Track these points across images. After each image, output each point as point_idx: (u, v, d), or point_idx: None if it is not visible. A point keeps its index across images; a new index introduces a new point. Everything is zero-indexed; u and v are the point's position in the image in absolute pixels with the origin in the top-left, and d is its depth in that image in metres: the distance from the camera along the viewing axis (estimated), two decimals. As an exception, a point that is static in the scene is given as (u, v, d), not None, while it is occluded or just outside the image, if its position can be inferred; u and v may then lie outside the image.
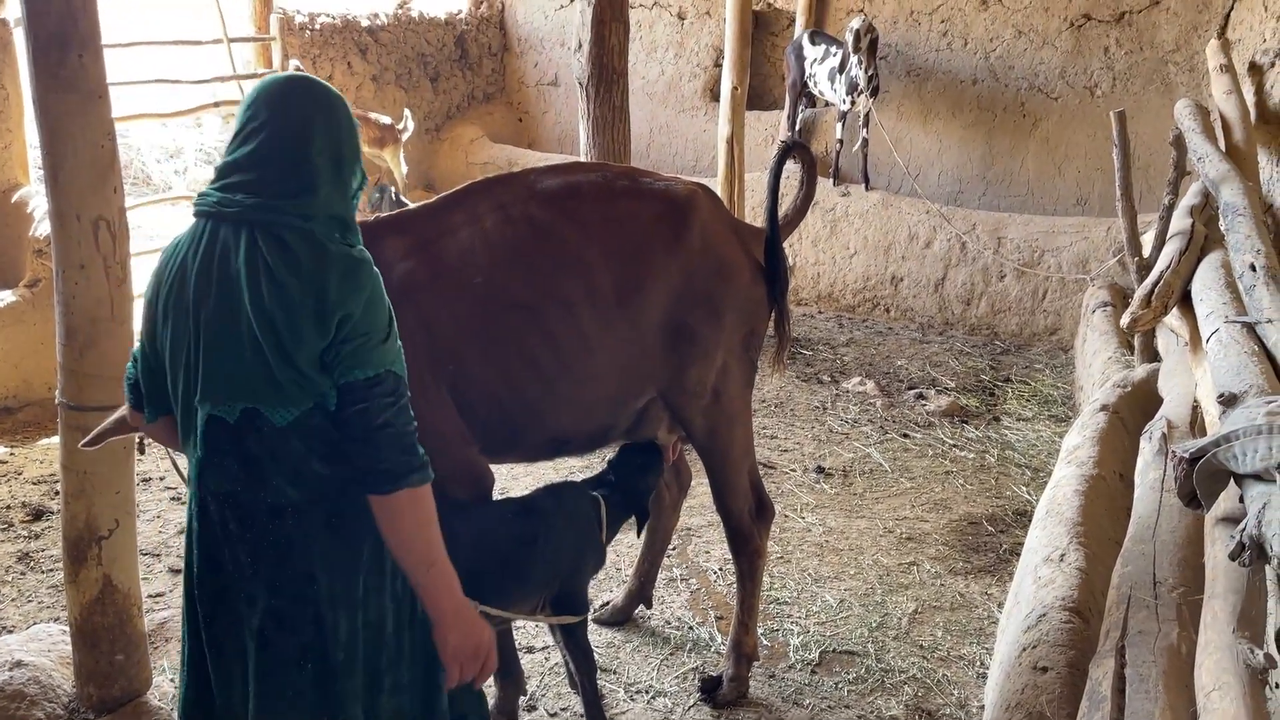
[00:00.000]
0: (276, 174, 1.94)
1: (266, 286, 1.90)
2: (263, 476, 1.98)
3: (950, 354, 7.13)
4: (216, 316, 1.93)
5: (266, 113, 1.95)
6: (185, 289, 1.97)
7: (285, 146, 1.95)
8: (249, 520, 2.01)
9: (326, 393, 1.95)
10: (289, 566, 2.02)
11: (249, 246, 1.91)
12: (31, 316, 5.58)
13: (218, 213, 1.95)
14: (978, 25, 8.03)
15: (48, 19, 2.80)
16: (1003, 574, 4.35)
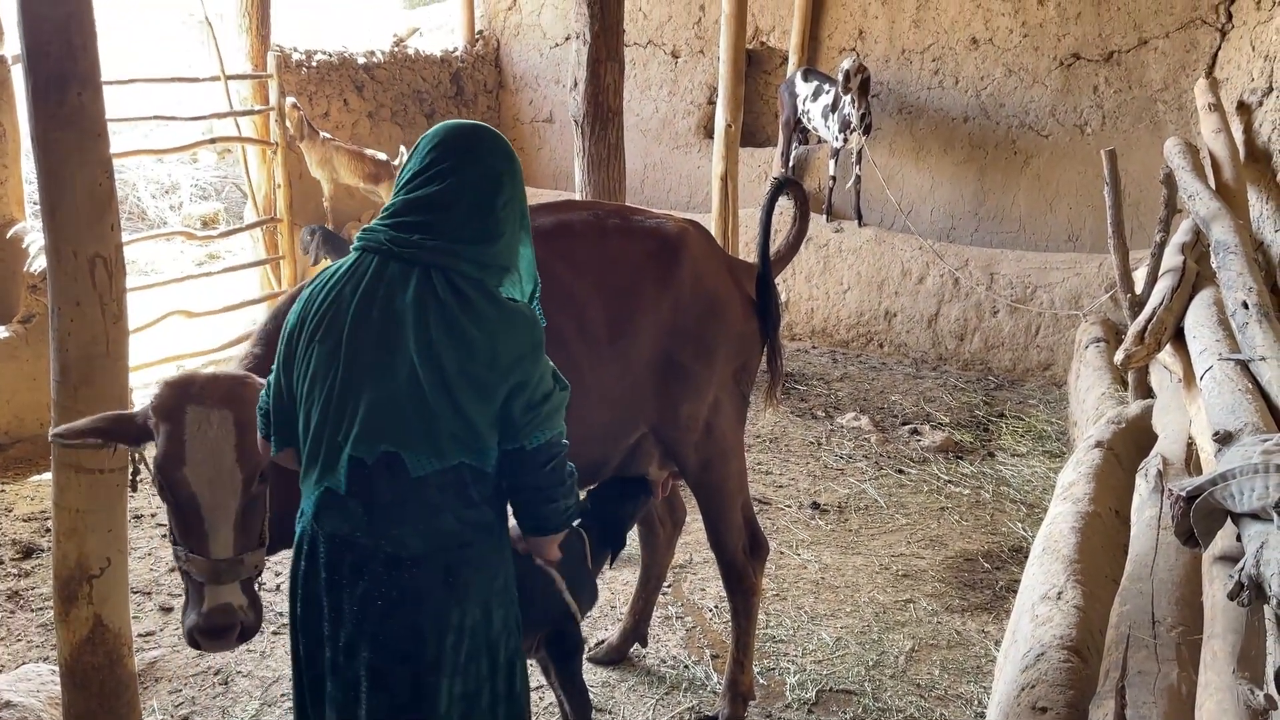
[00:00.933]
0: (462, 219, 1.92)
1: (436, 328, 1.87)
2: (386, 524, 1.94)
3: (944, 389, 7.14)
4: (372, 353, 1.90)
5: (455, 158, 1.94)
6: (338, 321, 1.94)
7: (474, 193, 1.94)
8: (362, 568, 1.97)
9: (485, 450, 1.93)
10: (396, 621, 1.97)
11: (419, 286, 1.89)
12: (25, 352, 5.56)
13: (388, 250, 1.92)
14: (968, 64, 8.13)
15: (48, 58, 2.82)
16: (999, 611, 4.33)
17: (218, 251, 9.71)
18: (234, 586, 2.38)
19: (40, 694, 3.31)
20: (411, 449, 1.89)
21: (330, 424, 1.95)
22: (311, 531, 2.03)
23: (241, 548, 2.38)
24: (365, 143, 8.64)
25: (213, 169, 11.48)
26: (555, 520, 2.08)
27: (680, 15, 9.42)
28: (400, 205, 1.95)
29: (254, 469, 2.37)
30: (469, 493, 1.96)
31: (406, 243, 1.91)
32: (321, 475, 2.00)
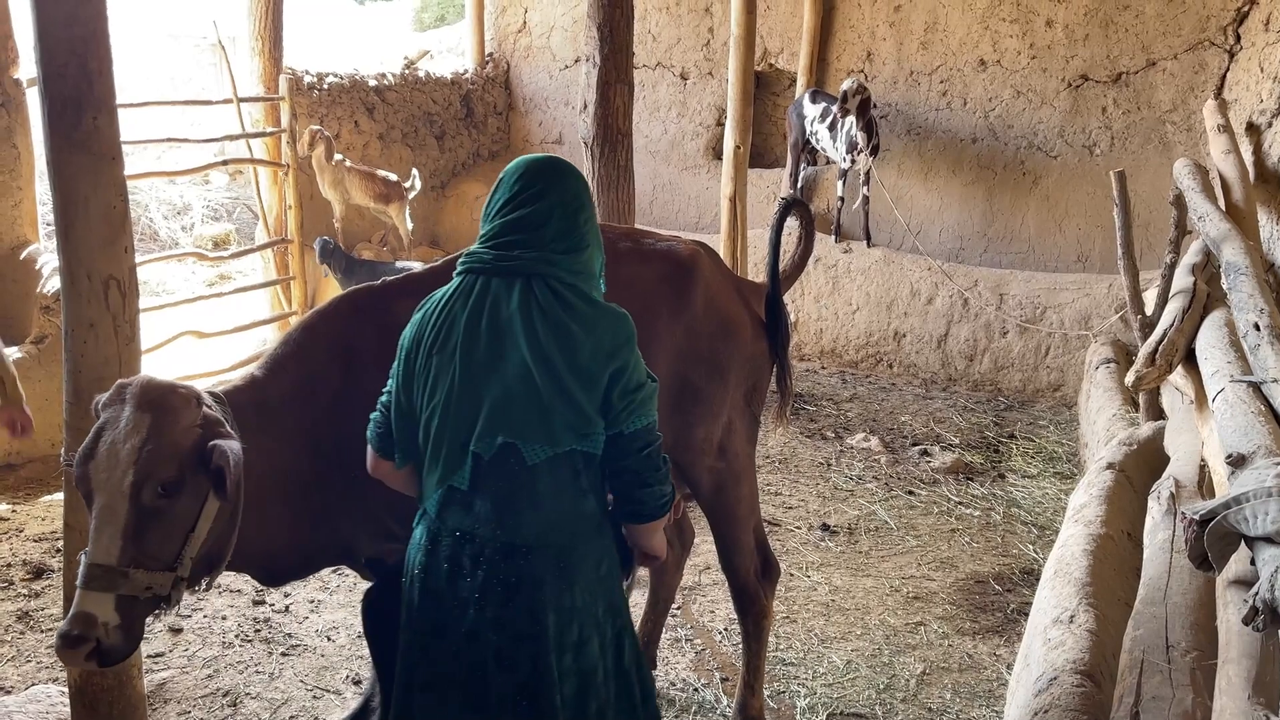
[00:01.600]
0: (553, 235, 2.17)
1: (542, 328, 2.10)
2: (504, 514, 2.14)
3: (954, 410, 7.13)
4: (486, 359, 2.12)
5: (543, 184, 2.21)
6: (451, 336, 2.15)
7: (562, 211, 2.20)
8: (480, 558, 2.16)
9: (594, 435, 2.13)
10: (515, 605, 2.15)
11: (522, 294, 2.13)
12: (37, 373, 5.59)
13: (493, 268, 2.17)
14: (976, 85, 8.15)
15: (63, 82, 2.85)
16: (1011, 634, 4.30)
17: (229, 272, 9.76)
18: (105, 599, 2.22)
19: (50, 715, 3.31)
20: (527, 439, 2.10)
21: (450, 427, 2.14)
22: (434, 528, 2.21)
23: (129, 560, 2.24)
24: (376, 164, 8.69)
25: (224, 190, 11.56)
26: (652, 505, 2.22)
27: (689, 38, 9.48)
28: (498, 228, 2.20)
29: (152, 477, 2.26)
30: (579, 481, 2.17)
31: (508, 258, 2.16)
32: (444, 475, 2.18)
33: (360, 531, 2.89)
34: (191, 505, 2.36)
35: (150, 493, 2.27)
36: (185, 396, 2.39)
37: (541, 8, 10.13)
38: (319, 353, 2.85)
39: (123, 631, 2.24)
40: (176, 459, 2.31)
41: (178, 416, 2.34)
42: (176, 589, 2.36)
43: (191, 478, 2.34)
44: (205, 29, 13.42)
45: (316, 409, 2.79)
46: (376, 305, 2.92)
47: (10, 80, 6.26)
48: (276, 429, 2.72)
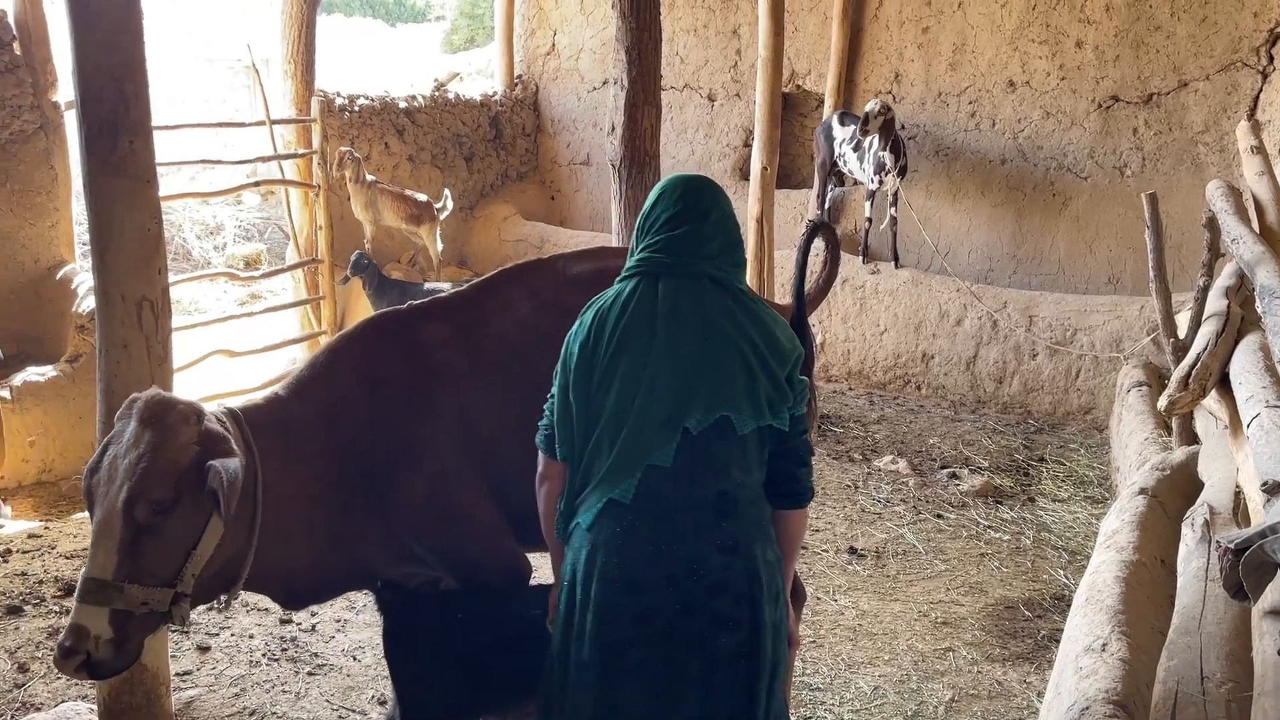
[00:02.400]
0: (721, 247, 2.35)
1: (743, 316, 2.28)
2: (710, 480, 2.24)
3: (983, 432, 7.06)
4: (694, 343, 2.25)
5: (707, 202, 2.36)
6: (641, 329, 2.26)
7: (723, 225, 2.36)
8: (690, 528, 2.22)
9: (784, 412, 2.29)
10: (734, 567, 2.23)
11: (712, 290, 2.30)
12: (71, 391, 5.67)
13: (665, 271, 2.31)
14: (1005, 106, 8.12)
15: (100, 106, 2.90)
16: (1041, 661, 4.24)
17: (260, 291, 9.86)
18: (99, 613, 2.24)
19: (78, 732, 3.33)
20: (740, 411, 2.23)
21: (654, 408, 2.22)
22: (629, 513, 2.23)
23: (124, 576, 2.25)
24: (405, 185, 8.78)
25: (256, 210, 11.70)
26: (808, 484, 2.36)
27: (717, 59, 9.52)
28: (666, 241, 2.33)
29: (145, 494, 2.27)
30: (763, 454, 2.30)
31: (682, 261, 2.31)
32: (639, 457, 2.23)
33: (382, 555, 2.89)
34: (191, 522, 2.35)
35: (144, 509, 2.28)
36: (184, 413, 2.39)
37: (570, 30, 10.21)
38: (345, 377, 2.86)
39: (114, 646, 2.26)
40: (171, 476, 2.31)
41: (175, 434, 2.34)
42: (178, 605, 2.35)
43: (190, 495, 2.33)
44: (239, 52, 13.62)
45: (342, 432, 2.79)
46: (403, 331, 2.93)
47: (49, 103, 6.38)
48: (299, 450, 2.73)
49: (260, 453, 2.60)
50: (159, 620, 2.36)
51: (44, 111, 6.36)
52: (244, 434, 2.59)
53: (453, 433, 2.78)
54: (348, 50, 15.50)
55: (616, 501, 2.25)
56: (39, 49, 6.32)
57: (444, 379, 2.81)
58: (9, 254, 6.32)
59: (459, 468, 2.78)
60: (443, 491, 2.77)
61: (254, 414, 2.70)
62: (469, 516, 2.82)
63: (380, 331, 2.95)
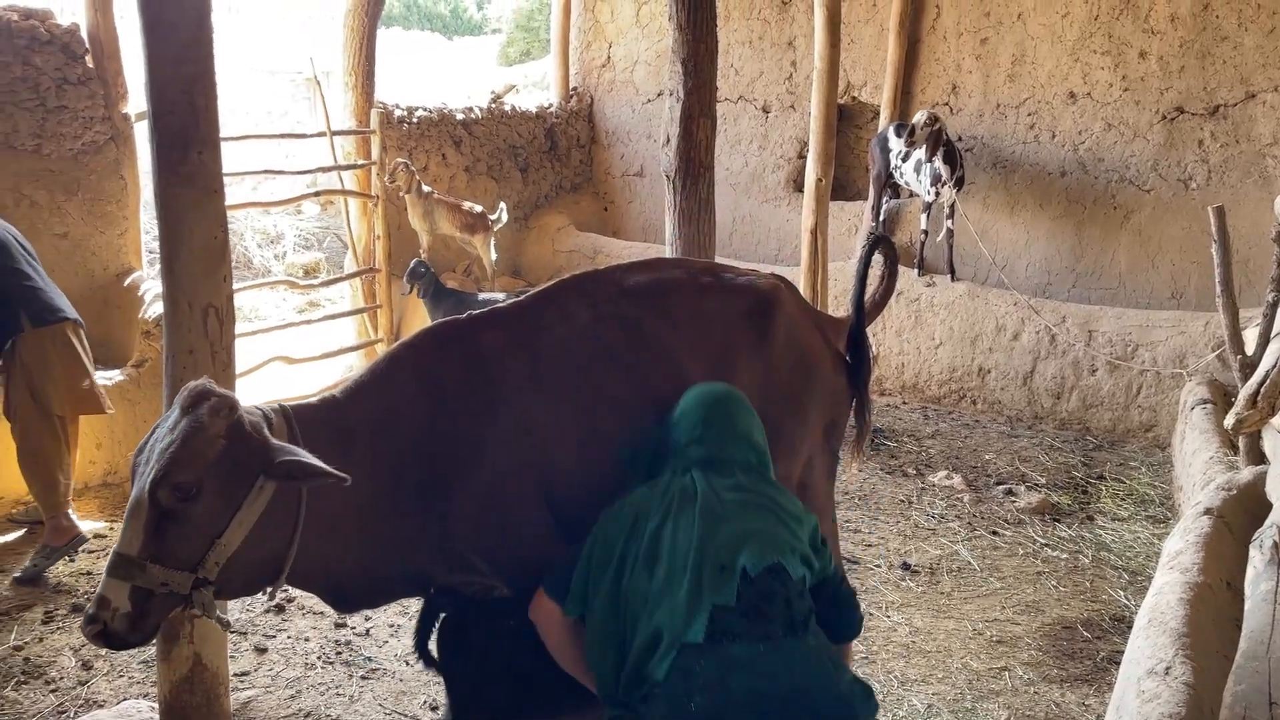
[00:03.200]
0: (748, 452, 2.60)
1: (768, 495, 2.53)
2: (776, 611, 2.36)
3: (1040, 449, 6.95)
4: (735, 514, 2.44)
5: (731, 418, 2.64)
6: (684, 509, 2.45)
7: (753, 438, 2.64)
8: (774, 654, 2.31)
9: (816, 568, 2.49)
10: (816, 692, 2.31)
11: (741, 479, 2.54)
12: (136, 395, 5.80)
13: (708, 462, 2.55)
14: (1066, 118, 8.01)
15: (172, 118, 2.98)
16: (1101, 683, 4.16)
17: (318, 299, 10.03)
18: (121, 586, 2.32)
19: (140, 729, 3.40)
20: (788, 559, 2.41)
21: (708, 557, 2.37)
22: (701, 655, 2.29)
23: (148, 555, 2.33)
24: (462, 196, 8.87)
25: (315, 220, 11.91)
26: (851, 628, 2.64)
27: (771, 71, 9.51)
28: (700, 454, 2.57)
29: (168, 479, 2.33)
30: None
31: (721, 463, 2.56)
32: (701, 601, 2.34)
33: (437, 561, 2.89)
34: (216, 512, 2.40)
35: (167, 494, 2.34)
36: (217, 406, 2.43)
37: (625, 42, 10.27)
38: (404, 384, 2.86)
39: (129, 620, 2.33)
40: (196, 465, 2.35)
41: (205, 424, 2.38)
42: (199, 591, 2.41)
43: (215, 485, 2.38)
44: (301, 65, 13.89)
45: (398, 440, 2.79)
46: (462, 339, 2.94)
47: (119, 115, 6.55)
48: (351, 453, 2.73)
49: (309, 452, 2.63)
50: (178, 602, 2.42)
51: (115, 123, 6.53)
52: (293, 432, 2.62)
53: (510, 442, 2.78)
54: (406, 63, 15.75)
55: (690, 644, 2.31)
56: (110, 62, 6.50)
57: (503, 388, 2.82)
58: (80, 261, 6.49)
59: (516, 477, 2.78)
60: (499, 500, 2.78)
61: (306, 414, 2.72)
62: (525, 526, 2.82)
63: (439, 340, 2.97)
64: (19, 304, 4.74)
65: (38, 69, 6.19)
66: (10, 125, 6.13)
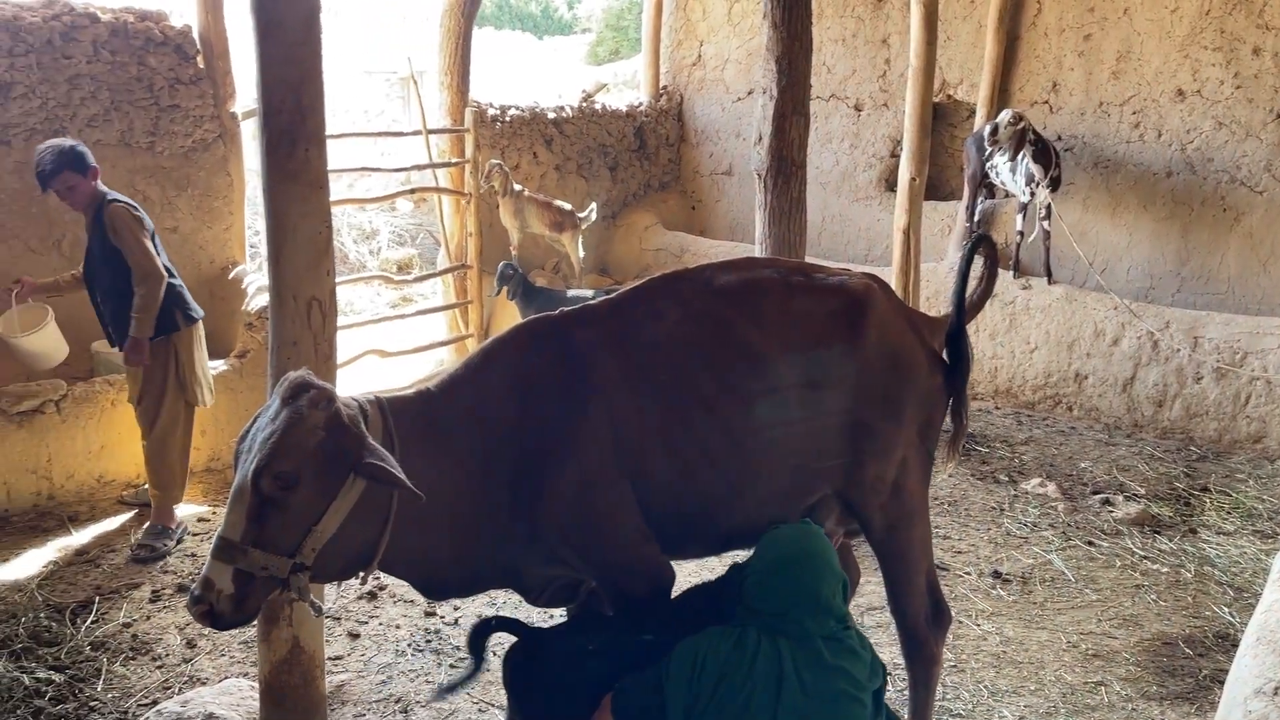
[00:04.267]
0: (828, 618, 2.54)
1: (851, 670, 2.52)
2: None
3: (1140, 458, 6.73)
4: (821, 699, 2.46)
5: (819, 584, 2.54)
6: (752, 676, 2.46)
7: (830, 595, 2.54)
8: None
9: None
10: None
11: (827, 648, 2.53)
12: (239, 384, 6.00)
13: (776, 631, 2.51)
14: (1173, 117, 7.73)
15: (280, 116, 3.07)
16: (1203, 702, 4.01)
17: (411, 295, 10.23)
18: (225, 569, 2.42)
19: (240, 708, 3.52)
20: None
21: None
22: None
23: (250, 539, 2.43)
24: (551, 194, 8.96)
25: (408, 217, 12.15)
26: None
27: (865, 69, 9.39)
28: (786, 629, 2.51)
29: (269, 468, 2.41)
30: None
31: (804, 630, 2.51)
32: None
33: (527, 554, 2.92)
34: (313, 500, 2.48)
35: (268, 482, 2.43)
36: (316, 398, 2.51)
37: (717, 41, 10.25)
38: (496, 379, 2.90)
39: (233, 601, 2.44)
40: (295, 455, 2.44)
41: (305, 416, 2.47)
42: (296, 576, 2.50)
43: (313, 475, 2.46)
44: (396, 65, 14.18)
45: (489, 434, 2.83)
46: (556, 335, 2.97)
47: (227, 114, 6.78)
48: (443, 444, 2.79)
49: (403, 443, 2.68)
50: (277, 586, 2.51)
51: (223, 121, 6.76)
52: (387, 424, 2.68)
53: (601, 437, 2.80)
54: (497, 62, 15.96)
55: None
56: (220, 62, 6.73)
57: (594, 385, 2.84)
58: (188, 255, 6.73)
59: (606, 472, 2.80)
60: (589, 495, 2.80)
61: (401, 405, 2.79)
62: (614, 521, 2.84)
63: (532, 336, 3.00)
64: (174, 304, 5.08)
65: (152, 69, 6.44)
66: (126, 123, 6.39)
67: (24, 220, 6.15)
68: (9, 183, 6.06)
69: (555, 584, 3.11)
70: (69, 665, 4.10)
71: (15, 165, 6.03)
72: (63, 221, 6.15)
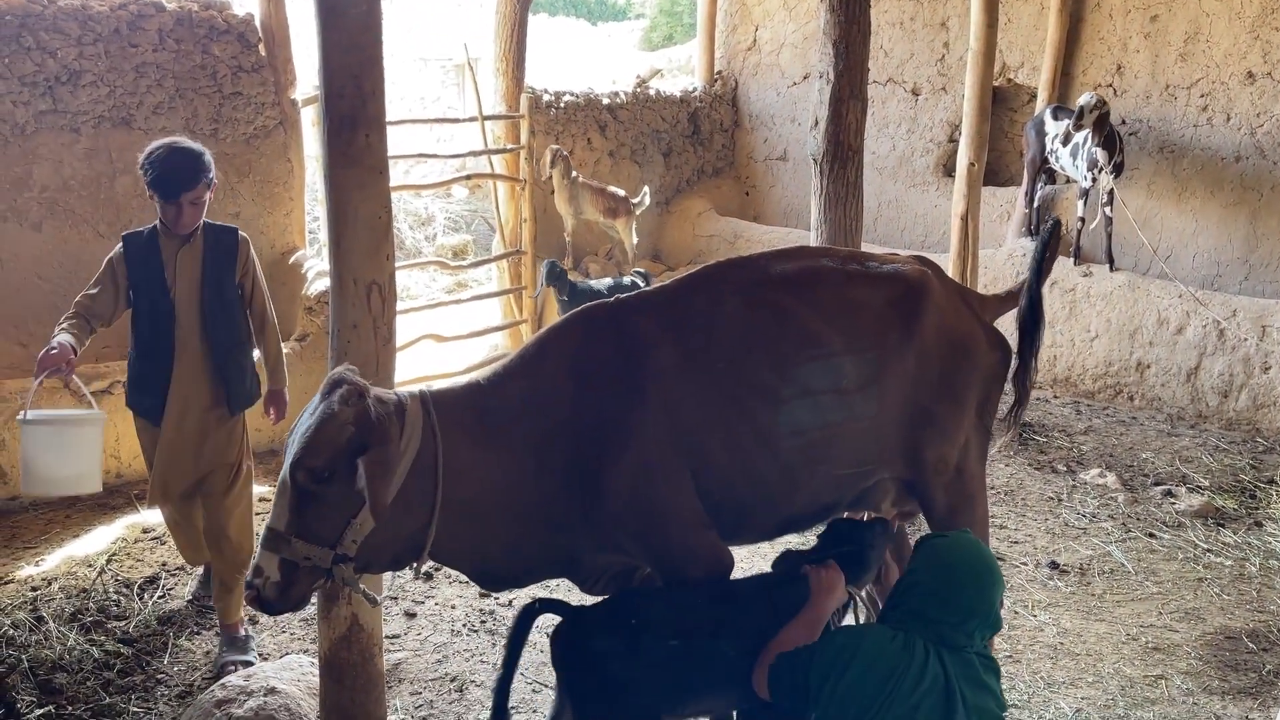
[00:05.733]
0: (987, 626, 2.47)
1: (989, 682, 2.48)
2: None
3: (1204, 449, 6.58)
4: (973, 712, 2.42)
5: (994, 594, 2.47)
6: (906, 683, 2.39)
7: (1000, 594, 2.49)
8: None
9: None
10: None
11: (955, 662, 2.44)
12: (299, 368, 6.10)
13: (936, 641, 2.44)
14: (1243, 100, 7.52)
15: (342, 102, 3.10)
16: (1266, 697, 3.93)
17: (466, 280, 10.32)
18: (272, 558, 2.50)
19: (300, 683, 3.59)
20: None
21: None
22: None
23: (295, 529, 2.49)
24: (605, 180, 8.98)
25: (463, 203, 12.24)
26: None
27: (923, 53, 9.26)
28: (948, 638, 2.44)
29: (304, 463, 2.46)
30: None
31: (964, 635, 2.45)
32: None
33: (583, 542, 2.93)
34: (349, 494, 2.51)
35: (304, 475, 2.49)
36: (348, 394, 2.55)
37: (772, 25, 10.17)
38: (551, 368, 2.91)
39: (278, 588, 2.52)
40: (326, 450, 2.48)
41: (336, 412, 2.51)
42: (339, 567, 2.55)
43: (347, 469, 2.49)
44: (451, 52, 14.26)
45: (544, 422, 2.83)
46: (613, 322, 2.97)
47: (288, 101, 6.89)
48: (494, 438, 2.79)
49: (448, 436, 2.69)
50: (322, 575, 2.57)
51: (283, 109, 6.87)
52: (429, 418, 2.68)
53: (660, 425, 2.81)
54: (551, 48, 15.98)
55: None
56: (281, 50, 6.83)
57: (652, 372, 2.84)
58: (250, 240, 6.84)
59: (665, 460, 2.80)
60: (648, 483, 2.80)
61: (448, 398, 2.80)
62: (672, 508, 2.84)
63: (589, 323, 3.01)
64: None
65: (215, 57, 6.56)
66: (190, 111, 6.52)
67: (93, 206, 6.30)
68: (79, 169, 6.22)
69: (610, 571, 3.12)
70: (137, 639, 4.22)
71: (85, 152, 6.19)
72: (130, 207, 6.29)
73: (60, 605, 4.35)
